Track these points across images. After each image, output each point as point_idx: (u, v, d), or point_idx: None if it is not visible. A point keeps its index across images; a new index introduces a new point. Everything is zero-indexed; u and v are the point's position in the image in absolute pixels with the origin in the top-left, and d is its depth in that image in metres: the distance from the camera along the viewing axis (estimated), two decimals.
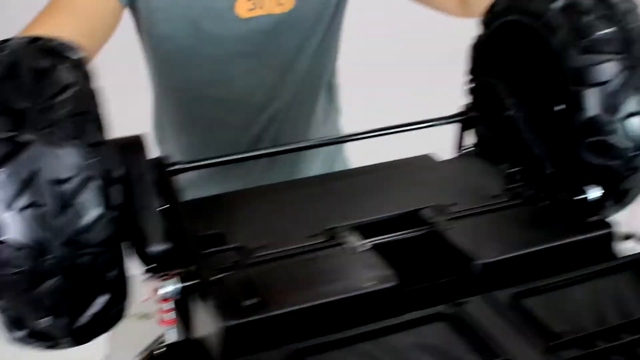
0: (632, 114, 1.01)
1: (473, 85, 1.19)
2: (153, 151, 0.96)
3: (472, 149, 1.20)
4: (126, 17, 1.45)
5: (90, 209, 0.80)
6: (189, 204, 1.01)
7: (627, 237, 1.20)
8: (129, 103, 2.08)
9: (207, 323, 0.86)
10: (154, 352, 1.08)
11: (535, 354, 0.77)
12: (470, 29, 1.23)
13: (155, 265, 0.88)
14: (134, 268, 0.89)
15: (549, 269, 0.88)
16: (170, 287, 0.86)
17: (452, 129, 1.20)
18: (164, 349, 0.93)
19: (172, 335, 0.96)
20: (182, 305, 0.96)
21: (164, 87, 1.59)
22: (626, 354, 0.78)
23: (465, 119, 1.17)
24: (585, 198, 1.01)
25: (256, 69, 1.51)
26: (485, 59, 1.21)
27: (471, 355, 0.77)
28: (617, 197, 1.09)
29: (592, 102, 1.01)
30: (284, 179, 1.36)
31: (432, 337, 0.79)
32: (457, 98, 1.23)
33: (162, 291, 0.86)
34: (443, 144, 1.28)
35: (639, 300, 0.85)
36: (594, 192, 1.01)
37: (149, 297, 0.92)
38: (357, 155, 1.65)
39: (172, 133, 1.65)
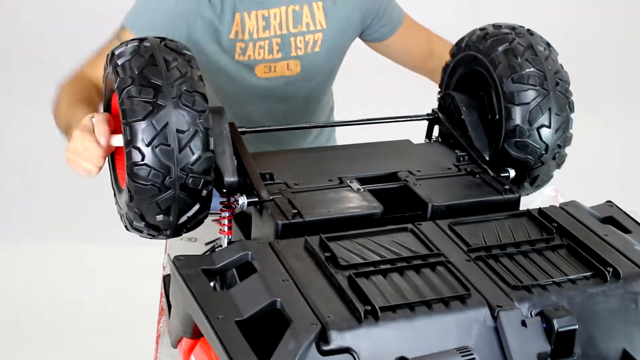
0: (543, 126, 1.53)
1: (440, 95, 1.72)
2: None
3: (437, 138, 1.71)
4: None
5: (197, 151, 1.30)
6: (252, 155, 1.50)
7: None
8: None
9: (263, 226, 1.37)
10: (215, 247, 1.59)
11: (458, 253, 1.29)
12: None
13: (228, 190, 1.39)
14: None
15: (477, 214, 1.41)
16: (242, 200, 1.37)
17: (424, 124, 1.73)
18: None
19: (224, 242, 1.47)
20: (239, 221, 1.48)
21: None
22: (520, 256, 1.28)
23: (433, 118, 1.69)
24: (508, 175, 1.54)
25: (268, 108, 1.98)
26: (450, 79, 1.73)
27: (422, 249, 1.29)
28: (531, 181, 1.62)
29: (518, 115, 1.54)
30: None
31: (401, 239, 1.31)
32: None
33: (240, 201, 1.37)
34: (416, 134, 1.80)
35: (527, 229, 1.37)
36: (511, 172, 1.54)
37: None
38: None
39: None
